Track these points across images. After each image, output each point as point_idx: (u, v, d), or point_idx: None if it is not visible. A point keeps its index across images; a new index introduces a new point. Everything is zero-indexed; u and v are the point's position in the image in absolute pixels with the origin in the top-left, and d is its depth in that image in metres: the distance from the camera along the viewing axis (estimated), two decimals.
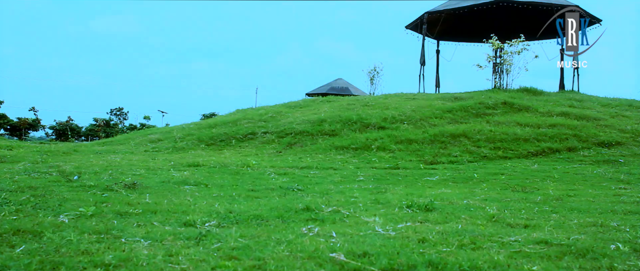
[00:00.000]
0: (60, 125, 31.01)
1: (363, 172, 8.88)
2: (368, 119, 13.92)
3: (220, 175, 7.89)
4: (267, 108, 16.98)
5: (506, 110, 14.47)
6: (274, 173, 8.36)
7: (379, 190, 6.16)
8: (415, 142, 12.19)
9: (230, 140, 13.84)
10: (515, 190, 6.62)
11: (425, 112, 14.38)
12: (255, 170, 9.02)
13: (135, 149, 13.71)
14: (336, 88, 31.06)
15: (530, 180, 8.06)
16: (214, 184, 6.40)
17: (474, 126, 13.04)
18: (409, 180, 7.83)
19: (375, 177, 7.94)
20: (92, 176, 7.22)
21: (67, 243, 2.84)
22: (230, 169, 9.01)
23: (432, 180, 7.80)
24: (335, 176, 8.09)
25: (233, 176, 7.89)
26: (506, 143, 11.92)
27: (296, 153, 12.23)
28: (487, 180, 7.86)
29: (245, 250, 2.81)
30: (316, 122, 14.16)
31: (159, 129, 16.74)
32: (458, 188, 6.96)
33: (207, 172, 8.42)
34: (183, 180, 6.52)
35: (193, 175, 7.80)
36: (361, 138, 12.50)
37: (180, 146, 13.68)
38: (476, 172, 8.99)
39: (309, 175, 8.21)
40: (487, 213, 4.38)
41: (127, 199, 4.79)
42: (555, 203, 5.29)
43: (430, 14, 19.84)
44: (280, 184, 6.55)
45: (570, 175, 8.82)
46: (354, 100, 16.77)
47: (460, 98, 16.15)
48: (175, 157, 11.87)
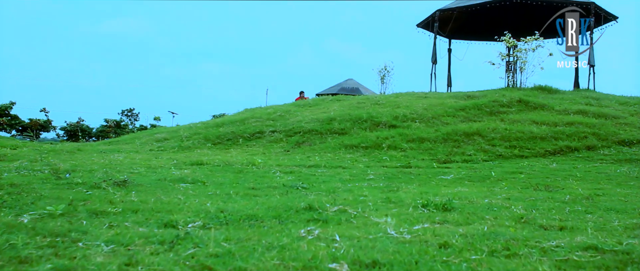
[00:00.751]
0: (71, 126, 30.66)
1: (373, 170, 8.30)
2: (378, 118, 13.33)
3: (222, 174, 7.36)
4: (276, 107, 16.45)
5: (521, 108, 13.82)
6: (279, 171, 7.81)
7: (390, 189, 5.58)
8: (427, 140, 11.59)
9: (237, 139, 13.31)
10: (538, 189, 6.01)
11: (438, 111, 13.77)
12: (261, 168, 8.48)
13: (141, 148, 13.22)
14: (346, 89, 30.45)
15: (552, 178, 7.44)
16: (213, 182, 5.85)
17: (488, 124, 12.41)
18: (422, 178, 7.24)
19: (386, 176, 7.36)
20: (86, 174, 6.71)
21: (8, 248, 2.31)
22: (234, 167, 8.47)
23: (447, 179, 7.20)
24: (343, 174, 7.53)
25: (236, 174, 7.35)
26: (522, 141, 11.29)
27: (304, 152, 11.68)
28: (505, 179, 7.25)
29: (225, 257, 2.25)
30: (325, 120, 13.60)
31: (166, 128, 16.27)
32: (475, 187, 6.36)
33: (209, 170, 7.89)
34: (181, 177, 5.98)
35: (193, 173, 7.27)
36: (371, 137, 11.92)
37: (186, 145, 13.17)
38: (493, 171, 8.38)
39: (316, 173, 7.65)
40: (514, 214, 3.80)
41: (111, 197, 4.26)
42: (586, 202, 4.69)
43: (441, 12, 19.21)
44: (284, 182, 5.99)
45: (593, 174, 8.19)
46: (364, 98, 16.20)
47: (473, 97, 15.52)
48: (180, 155, 11.37)
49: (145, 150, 12.93)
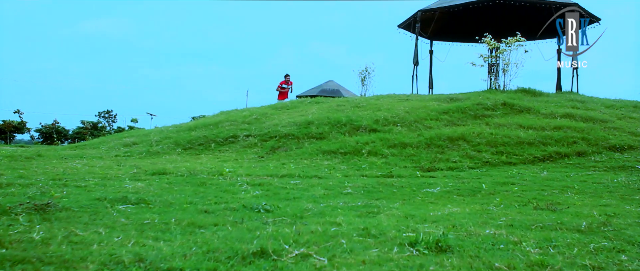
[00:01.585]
0: (46, 128, 29.33)
1: (352, 181, 7.36)
2: (358, 121, 12.41)
3: (181, 187, 6.35)
4: (252, 109, 15.45)
5: (506, 112, 13.00)
6: (247, 183, 6.83)
7: (369, 210, 4.63)
8: (409, 145, 10.69)
9: (209, 143, 12.29)
10: (539, 207, 5.12)
11: (420, 114, 12.88)
12: (227, 179, 7.49)
13: (106, 154, 12.14)
14: (327, 91, 29.53)
15: (548, 191, 6.57)
16: (162, 202, 4.85)
17: (472, 129, 11.56)
18: (405, 192, 6.31)
19: (365, 189, 6.42)
20: (19, 189, 5.66)
21: None
22: (198, 178, 7.47)
23: (434, 193, 6.29)
24: (318, 188, 6.57)
25: (196, 188, 6.35)
26: (509, 147, 10.45)
27: (279, 158, 10.71)
28: (497, 192, 6.36)
29: None
30: (303, 124, 12.64)
31: (136, 132, 15.17)
32: (467, 204, 5.45)
33: (167, 182, 6.87)
34: (123, 196, 4.95)
35: (148, 187, 6.26)
36: (351, 142, 10.99)
37: (155, 150, 12.12)
38: (482, 181, 7.49)
39: (287, 186, 6.68)
40: (529, 256, 2.88)
41: (6, 233, 3.23)
42: (607, 231, 3.79)
43: (423, 12, 18.36)
44: (246, 201, 5.01)
45: (589, 185, 7.35)
46: (344, 101, 15.27)
47: (456, 99, 14.67)
48: (146, 162, 10.33)
49: (110, 155, 11.85)
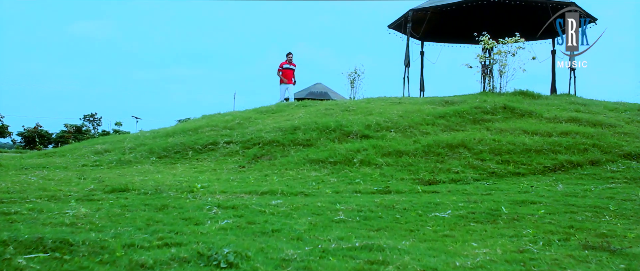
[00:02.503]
0: (28, 131, 27.73)
1: (344, 200, 6.04)
2: (349, 126, 11.09)
3: (134, 214, 4.99)
4: (235, 114, 14.06)
5: (507, 116, 11.75)
6: (218, 205, 5.48)
7: (372, 258, 3.29)
8: (405, 153, 9.40)
9: (186, 151, 10.91)
10: (589, 245, 3.83)
11: (415, 118, 11.59)
12: (197, 198, 6.15)
13: (74, 163, 10.71)
14: (315, 93, 28.20)
15: (580, 214, 5.30)
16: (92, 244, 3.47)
17: (473, 134, 10.29)
18: (410, 218, 4.99)
19: (362, 214, 5.09)
20: None
21: None
22: (162, 198, 6.12)
23: (445, 219, 4.98)
24: (303, 212, 5.23)
25: (153, 214, 4.99)
26: (515, 155, 9.19)
27: (262, 168, 9.37)
28: (521, 217, 5.06)
29: None
30: (289, 129, 11.29)
31: (110, 138, 13.73)
32: (493, 238, 4.16)
33: (122, 205, 5.50)
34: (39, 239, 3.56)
35: (93, 214, 4.90)
36: (341, 150, 9.67)
37: (126, 159, 10.71)
38: (495, 199, 6.21)
39: (266, 209, 5.33)
40: None
41: None
42: None
43: (415, 12, 17.08)
44: (208, 240, 3.67)
45: (619, 202, 6.11)
46: (333, 104, 13.95)
47: (452, 103, 13.40)
48: (112, 174, 8.95)
49: (77, 165, 10.43)
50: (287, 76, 17.55)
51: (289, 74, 17.54)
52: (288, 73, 17.51)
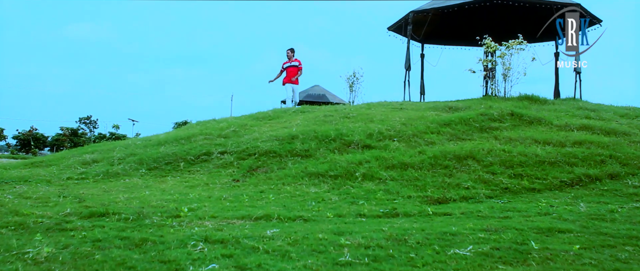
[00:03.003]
0: (23, 135, 26.88)
1: (348, 229, 5.27)
2: (349, 135, 10.31)
3: (105, 254, 4.21)
4: (231, 121, 13.25)
5: (515, 123, 10.98)
6: (205, 239, 4.70)
7: None
8: (411, 166, 8.62)
9: (178, 162, 10.12)
10: None
11: (418, 126, 10.82)
12: (183, 226, 5.38)
13: (59, 175, 9.92)
14: (313, 96, 27.42)
15: (618, 248, 4.54)
16: None
17: (481, 144, 9.52)
18: (426, 257, 4.22)
19: (370, 253, 4.30)
20: None
21: None
22: (143, 227, 5.35)
23: (466, 258, 4.20)
24: (302, 247, 4.45)
25: (127, 254, 4.21)
26: (528, 168, 8.42)
27: (258, 182, 8.60)
28: (557, 257, 4.28)
29: None
30: (286, 138, 10.52)
31: (100, 146, 12.91)
32: None
33: (95, 239, 4.72)
34: None
35: (57, 254, 4.12)
36: (342, 162, 8.89)
37: (115, 171, 9.92)
38: (514, 223, 5.45)
39: (260, 245, 4.55)
40: None
41: None
42: None
43: (415, 14, 16.30)
44: None
45: None
46: (332, 110, 13.16)
47: (456, 109, 12.64)
48: (96, 190, 8.17)
49: (62, 178, 9.64)
50: (290, 75, 16.45)
51: (291, 72, 16.44)
52: (291, 72, 16.42)
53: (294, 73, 16.39)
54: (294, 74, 16.37)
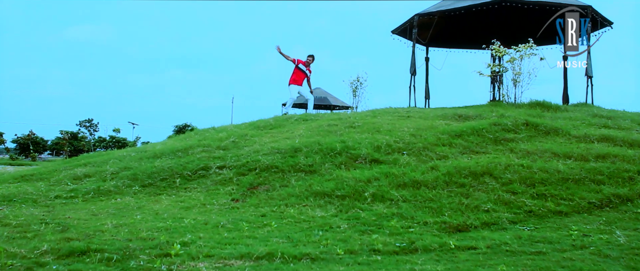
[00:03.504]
0: (23, 139, 26.08)
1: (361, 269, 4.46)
2: (356, 148, 9.50)
3: None
4: (230, 130, 12.42)
5: (531, 134, 10.16)
6: None
7: None
8: (424, 185, 7.81)
9: (174, 178, 9.31)
10: None
11: (428, 137, 10.00)
12: (174, 268, 4.57)
13: (47, 192, 9.11)
14: (315, 99, 26.51)
15: None
16: None
17: (497, 158, 8.71)
18: None
19: None
20: None
21: None
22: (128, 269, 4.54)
23: None
24: None
25: None
26: (551, 186, 7.61)
27: (259, 202, 7.79)
28: None
29: None
30: (288, 151, 9.71)
31: (94, 158, 12.07)
32: None
33: None
34: None
35: None
36: (349, 180, 8.07)
37: (106, 188, 9.12)
38: (549, 264, 4.64)
39: None
40: None
41: None
42: None
43: (421, 17, 15.47)
44: None
45: None
46: (336, 119, 12.33)
47: (466, 117, 11.83)
48: (83, 213, 7.37)
49: (49, 197, 8.83)
50: (299, 78, 15.60)
51: (301, 76, 15.61)
52: (301, 76, 15.57)
53: (304, 78, 15.59)
54: (303, 78, 15.56)
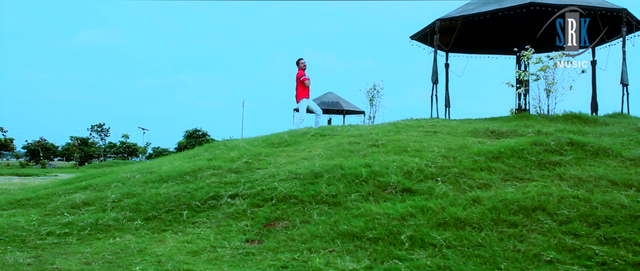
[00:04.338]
0: (33, 145, 25.00)
1: None
2: (383, 174, 8.20)
3: None
4: (242, 148, 11.12)
5: (578, 156, 8.79)
6: None
7: None
8: (468, 224, 6.49)
9: (181, 209, 8.06)
10: None
11: (463, 160, 8.68)
12: None
13: (39, 227, 7.89)
14: (326, 103, 25.28)
15: None
16: None
17: (547, 188, 7.37)
18: None
19: None
20: None
21: None
22: None
23: None
24: None
25: None
26: (619, 227, 6.26)
27: (277, 246, 6.52)
28: None
29: None
30: (308, 177, 8.43)
31: (95, 180, 10.76)
32: None
33: None
34: None
35: None
36: (380, 217, 6.77)
37: (105, 222, 7.88)
38: None
39: None
40: None
41: None
42: None
43: (442, 22, 14.09)
44: None
45: None
46: (356, 135, 11.01)
47: (499, 133, 10.48)
48: (75, 261, 6.15)
49: (41, 233, 7.62)
50: (306, 90, 14.27)
51: (307, 88, 14.29)
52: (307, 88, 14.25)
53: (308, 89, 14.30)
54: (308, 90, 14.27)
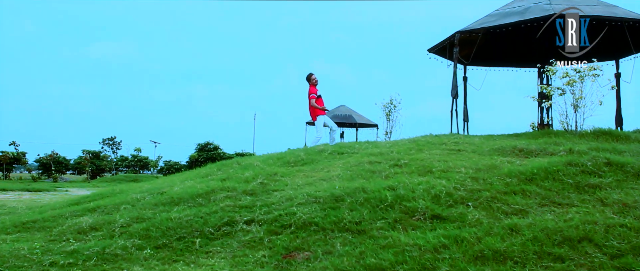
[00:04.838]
0: (45, 159, 24.58)
1: None
2: (410, 198, 7.51)
3: None
4: (257, 168, 10.46)
5: (618, 178, 8.04)
6: None
7: None
8: (509, 257, 5.79)
9: (193, 237, 7.42)
10: None
11: (494, 182, 7.97)
12: None
13: (42, 255, 7.28)
14: (339, 117, 24.69)
15: None
16: None
17: (590, 215, 6.64)
18: None
19: None
20: None
21: None
22: None
23: None
24: None
25: None
26: None
27: None
28: None
29: None
30: (328, 201, 7.76)
31: (104, 201, 10.13)
32: None
33: None
34: None
35: None
36: (411, 249, 6.09)
37: (113, 250, 7.25)
38: None
39: None
40: None
41: None
42: None
43: (462, 34, 13.43)
44: None
45: None
46: (377, 153, 10.33)
47: (529, 151, 9.76)
48: None
49: (44, 263, 6.98)
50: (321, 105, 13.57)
51: (322, 104, 13.62)
52: (321, 104, 13.57)
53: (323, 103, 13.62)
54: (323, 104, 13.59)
